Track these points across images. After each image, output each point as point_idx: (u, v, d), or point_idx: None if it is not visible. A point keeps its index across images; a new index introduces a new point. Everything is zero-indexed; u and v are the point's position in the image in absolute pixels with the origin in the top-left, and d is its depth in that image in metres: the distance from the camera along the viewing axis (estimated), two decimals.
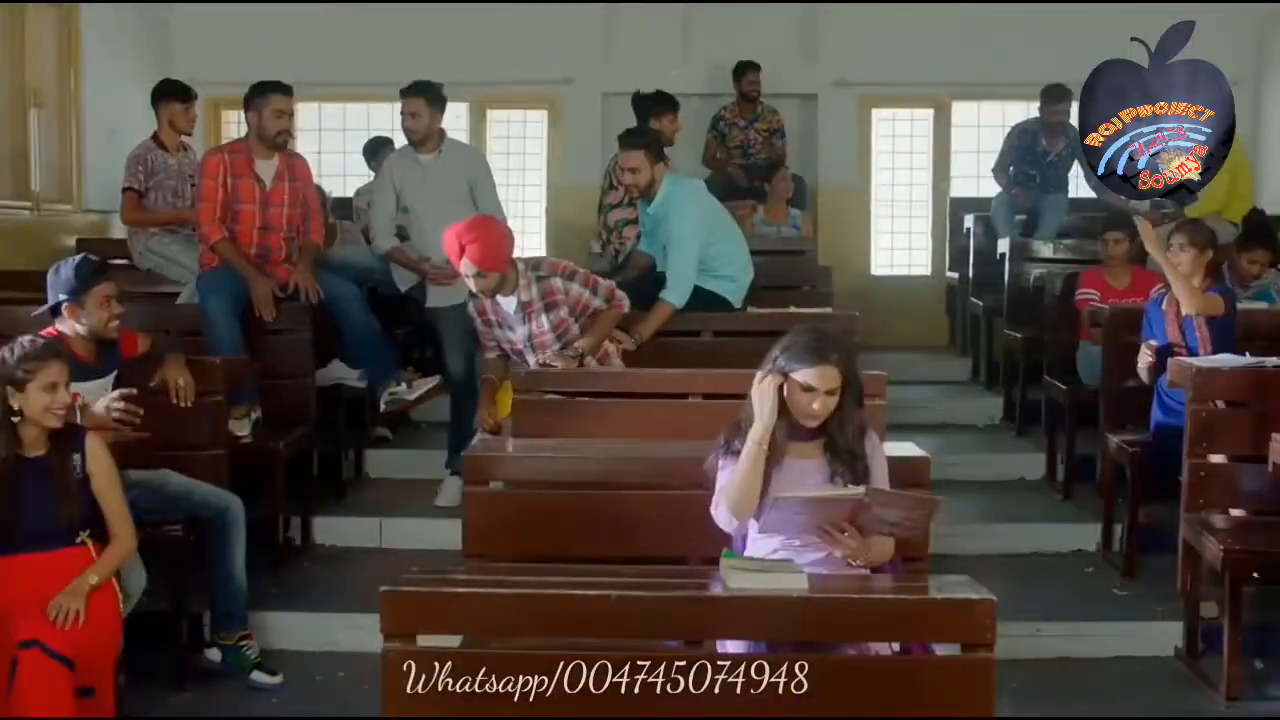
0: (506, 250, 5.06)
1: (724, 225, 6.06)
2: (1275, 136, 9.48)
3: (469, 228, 5.04)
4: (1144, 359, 5.54)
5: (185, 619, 4.73)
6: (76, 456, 4.03)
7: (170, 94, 7.05)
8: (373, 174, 8.41)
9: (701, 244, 5.81)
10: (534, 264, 5.21)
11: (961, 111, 10.44)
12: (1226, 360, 5.12)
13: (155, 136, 7.02)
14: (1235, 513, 4.87)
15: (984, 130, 10.24)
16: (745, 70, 9.39)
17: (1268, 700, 4.59)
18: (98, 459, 4.07)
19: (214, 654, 4.75)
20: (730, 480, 3.48)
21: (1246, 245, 6.39)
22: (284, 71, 6.18)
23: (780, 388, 3.48)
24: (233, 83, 6.73)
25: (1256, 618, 4.83)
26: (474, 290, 5.08)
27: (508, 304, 5.09)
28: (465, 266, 4.96)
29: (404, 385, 6.01)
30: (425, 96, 6.31)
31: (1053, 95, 8.27)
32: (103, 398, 4.61)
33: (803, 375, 3.46)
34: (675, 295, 5.75)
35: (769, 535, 3.46)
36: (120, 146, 7.19)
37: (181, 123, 7.05)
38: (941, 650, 3.18)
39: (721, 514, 3.49)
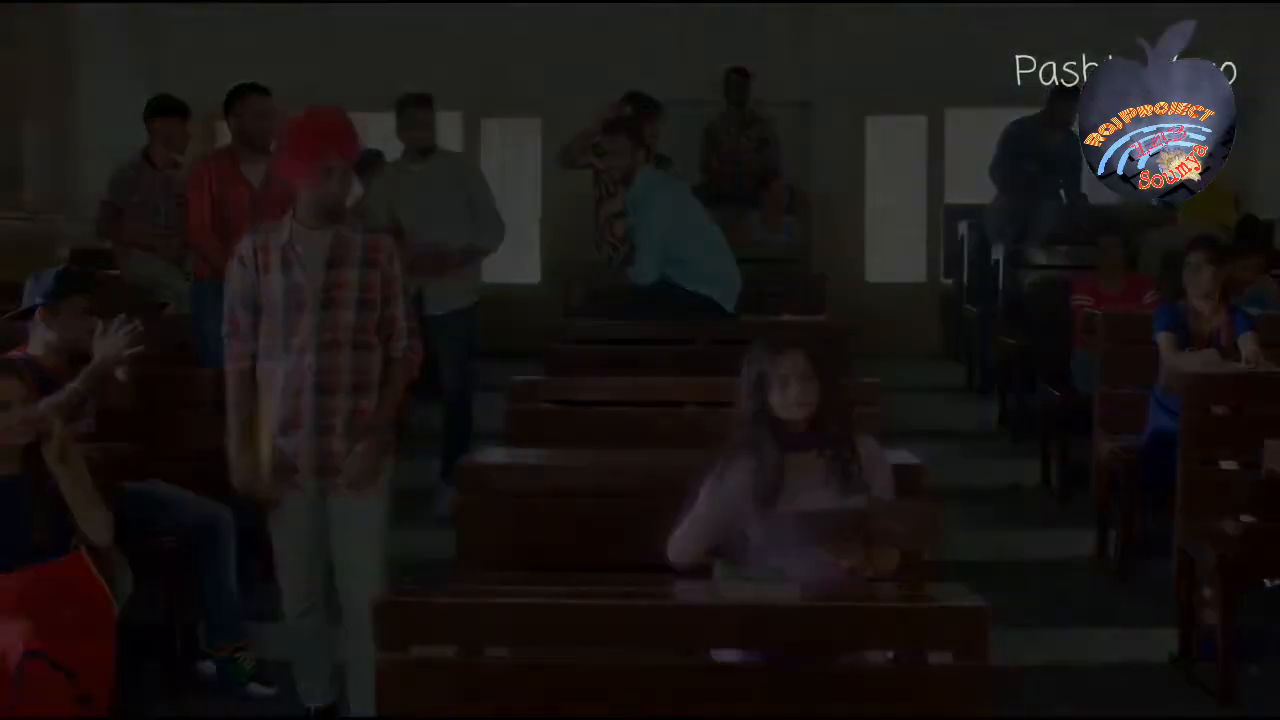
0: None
1: (698, 223, 6.10)
2: (1265, 137, 9.48)
3: (341, 113, 4.56)
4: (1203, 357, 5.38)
5: (179, 630, 4.71)
6: None
7: (167, 110, 6.91)
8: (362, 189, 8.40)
9: (667, 226, 5.93)
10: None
11: (955, 118, 10.45)
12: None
13: (145, 153, 6.89)
14: (1230, 519, 4.88)
15: (977, 137, 10.24)
16: (729, 74, 9.44)
17: (1264, 706, 4.58)
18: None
19: (208, 666, 4.73)
20: (687, 526, 3.49)
21: (1239, 252, 6.40)
22: (277, 82, 6.17)
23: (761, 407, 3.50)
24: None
25: (1252, 623, 4.84)
26: (331, 188, 4.27)
27: (321, 237, 4.25)
28: (328, 150, 4.31)
29: None
30: (430, 106, 6.30)
31: (1067, 95, 8.23)
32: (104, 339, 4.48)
33: (775, 371, 3.48)
34: (637, 272, 6.12)
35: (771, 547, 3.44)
36: (114, 156, 7.16)
37: (178, 138, 6.93)
38: (936, 658, 3.17)
39: (673, 549, 3.50)
